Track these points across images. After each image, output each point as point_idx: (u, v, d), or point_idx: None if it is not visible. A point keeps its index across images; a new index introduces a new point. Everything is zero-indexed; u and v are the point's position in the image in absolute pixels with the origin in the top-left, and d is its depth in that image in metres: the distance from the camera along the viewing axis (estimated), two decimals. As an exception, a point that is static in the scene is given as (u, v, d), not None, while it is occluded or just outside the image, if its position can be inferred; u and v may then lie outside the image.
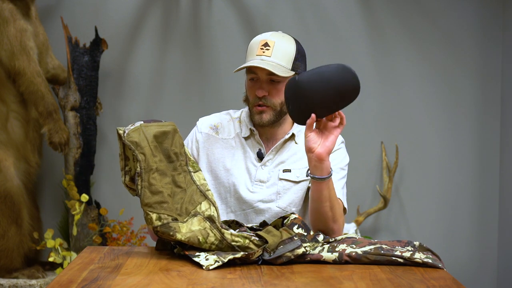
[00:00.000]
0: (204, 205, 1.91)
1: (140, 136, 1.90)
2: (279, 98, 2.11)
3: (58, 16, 3.79)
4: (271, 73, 2.08)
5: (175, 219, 1.85)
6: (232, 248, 1.83)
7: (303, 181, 2.15)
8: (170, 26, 3.89)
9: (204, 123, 2.26)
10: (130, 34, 3.88)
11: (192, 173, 1.97)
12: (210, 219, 1.88)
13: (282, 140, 2.18)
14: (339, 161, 2.17)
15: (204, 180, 1.99)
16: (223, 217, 2.15)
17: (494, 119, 3.95)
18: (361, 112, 3.92)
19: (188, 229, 1.84)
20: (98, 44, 3.69)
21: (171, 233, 1.82)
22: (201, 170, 2.00)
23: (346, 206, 2.15)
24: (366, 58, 3.91)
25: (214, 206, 1.91)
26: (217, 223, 1.87)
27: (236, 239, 1.83)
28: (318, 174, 1.96)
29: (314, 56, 3.89)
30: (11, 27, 3.35)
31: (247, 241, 1.83)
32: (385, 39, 3.92)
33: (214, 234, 1.84)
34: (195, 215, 1.88)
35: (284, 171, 2.15)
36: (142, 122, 1.95)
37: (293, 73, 2.09)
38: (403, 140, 3.94)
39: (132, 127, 1.92)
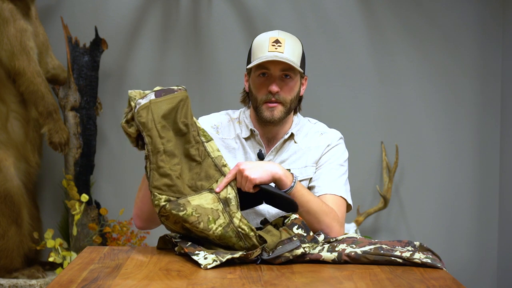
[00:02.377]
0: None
1: (148, 116, 1.88)
2: (289, 95, 2.12)
3: (58, 16, 3.79)
4: (284, 69, 2.09)
5: (185, 196, 1.84)
6: (237, 234, 1.83)
7: (303, 180, 2.15)
8: (170, 26, 3.89)
9: (205, 123, 2.25)
10: (130, 34, 3.89)
11: (205, 143, 1.94)
12: (225, 201, 1.86)
13: (282, 140, 2.18)
14: (337, 157, 2.17)
15: (218, 151, 1.94)
16: None
17: (494, 119, 3.95)
18: (361, 112, 3.92)
19: (200, 203, 1.84)
20: (98, 44, 3.69)
21: (181, 208, 1.81)
22: (213, 140, 1.95)
23: (350, 202, 2.14)
24: (366, 58, 3.91)
25: (230, 185, 1.90)
26: (231, 207, 1.86)
27: (243, 226, 1.83)
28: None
29: (314, 56, 3.90)
30: (11, 27, 3.35)
31: (252, 233, 1.83)
32: (385, 39, 3.92)
33: (224, 217, 1.84)
34: (211, 192, 1.87)
35: None
36: (153, 94, 1.91)
37: (301, 70, 2.11)
38: (403, 140, 3.94)
39: (142, 102, 1.90)
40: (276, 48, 2.08)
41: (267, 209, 2.14)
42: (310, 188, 2.15)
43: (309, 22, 3.90)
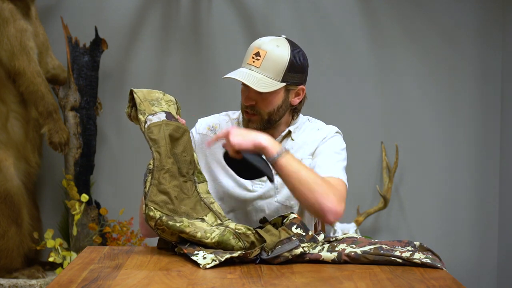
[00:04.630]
0: (210, 218, 1.94)
1: (160, 134, 1.92)
2: (266, 108, 2.09)
3: (58, 16, 3.79)
4: None
5: (179, 216, 1.87)
6: (234, 233, 1.83)
7: None
8: (170, 26, 3.89)
9: (202, 124, 2.26)
10: (130, 34, 3.88)
11: (197, 183, 1.98)
12: (218, 224, 1.91)
13: (279, 137, 2.18)
14: (333, 146, 2.15)
15: (208, 192, 2.01)
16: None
17: (494, 119, 3.95)
18: (361, 112, 3.92)
19: (193, 222, 1.86)
20: (98, 44, 3.69)
21: (177, 220, 1.83)
22: (206, 182, 2.01)
23: (346, 184, 2.10)
24: (366, 58, 3.91)
25: (220, 219, 1.93)
26: (224, 223, 1.89)
27: (239, 227, 1.85)
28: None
29: (314, 56, 3.89)
30: (11, 27, 3.35)
31: (249, 231, 1.84)
32: (385, 39, 3.92)
33: (219, 229, 1.86)
34: (202, 221, 1.90)
35: None
36: (164, 115, 1.97)
37: (282, 85, 2.06)
38: (403, 140, 3.94)
39: (154, 120, 1.94)
40: (253, 61, 2.06)
41: (267, 204, 2.14)
42: None
43: (309, 22, 3.90)
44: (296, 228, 1.87)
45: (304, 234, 1.88)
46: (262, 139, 1.95)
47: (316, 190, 1.95)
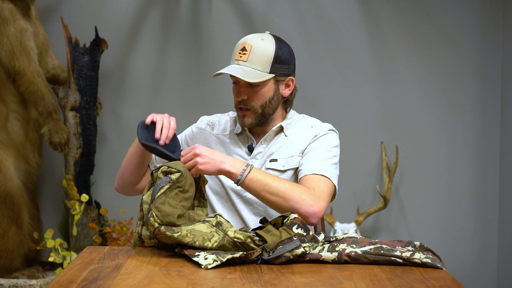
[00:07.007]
0: (212, 219, 1.94)
1: (185, 169, 1.94)
2: (258, 101, 2.14)
3: (58, 16, 3.79)
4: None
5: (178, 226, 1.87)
6: (234, 244, 1.83)
7: (289, 169, 2.17)
8: (170, 26, 3.89)
9: (203, 120, 2.35)
10: (130, 34, 3.89)
11: (195, 207, 2.01)
12: (217, 224, 1.90)
13: (270, 131, 2.21)
14: (323, 144, 2.17)
15: (206, 215, 2.02)
16: (217, 207, 2.21)
17: (494, 119, 3.95)
18: (361, 112, 3.92)
19: (194, 227, 1.86)
20: (98, 44, 3.69)
21: (176, 230, 1.83)
22: (205, 207, 2.03)
23: (335, 184, 2.12)
24: (366, 58, 3.91)
25: (220, 215, 1.94)
26: (223, 226, 1.89)
27: (238, 235, 1.85)
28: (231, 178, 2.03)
29: (314, 56, 3.90)
30: (11, 27, 3.35)
31: (248, 239, 1.84)
32: (385, 39, 3.92)
33: (218, 234, 1.85)
34: (203, 222, 1.90)
35: (271, 161, 2.18)
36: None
37: (270, 76, 2.11)
38: (403, 140, 3.94)
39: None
40: (241, 56, 2.13)
41: (255, 198, 2.15)
42: (296, 175, 2.16)
43: (309, 22, 3.90)
44: (297, 228, 1.87)
45: (305, 234, 1.87)
46: (226, 165, 2.00)
47: (288, 198, 2.00)
